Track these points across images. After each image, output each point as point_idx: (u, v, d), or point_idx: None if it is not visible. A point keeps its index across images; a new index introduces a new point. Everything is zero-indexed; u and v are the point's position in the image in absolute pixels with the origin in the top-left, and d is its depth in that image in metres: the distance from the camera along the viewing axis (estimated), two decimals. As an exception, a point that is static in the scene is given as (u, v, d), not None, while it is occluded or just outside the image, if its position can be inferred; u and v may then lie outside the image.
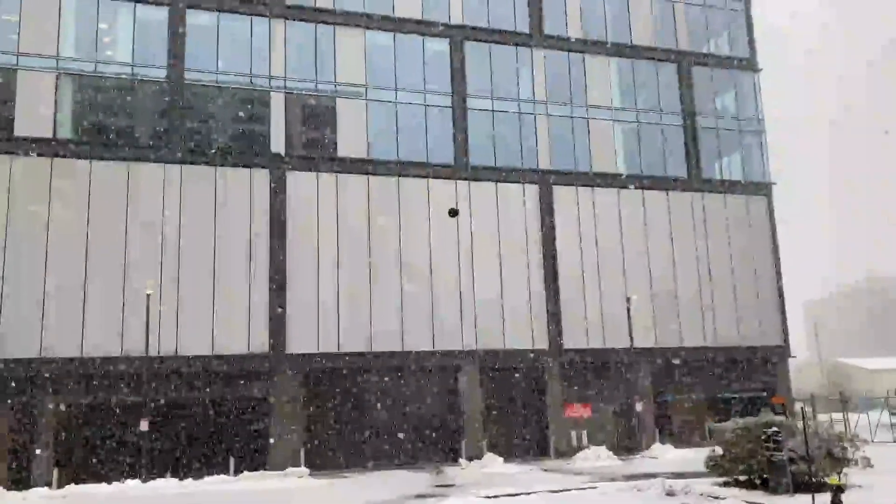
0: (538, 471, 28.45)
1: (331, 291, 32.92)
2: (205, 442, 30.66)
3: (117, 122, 32.28)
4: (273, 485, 26.04)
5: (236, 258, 31.97)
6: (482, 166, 36.36)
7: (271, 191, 33.01)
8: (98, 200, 30.71)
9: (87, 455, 29.27)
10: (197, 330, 30.83)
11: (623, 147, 39.46)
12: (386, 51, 36.22)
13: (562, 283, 36.34)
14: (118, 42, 32.87)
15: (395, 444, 33.47)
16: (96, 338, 29.59)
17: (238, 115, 33.89)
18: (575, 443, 35.20)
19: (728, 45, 42.86)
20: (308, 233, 33.14)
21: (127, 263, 30.49)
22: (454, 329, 34.32)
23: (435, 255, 34.70)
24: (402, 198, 34.77)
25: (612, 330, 36.50)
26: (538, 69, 38.44)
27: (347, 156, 34.43)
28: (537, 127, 37.83)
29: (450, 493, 21.34)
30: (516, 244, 36.13)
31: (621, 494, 19.97)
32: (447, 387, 34.65)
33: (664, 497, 18.93)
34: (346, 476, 29.10)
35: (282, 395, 31.50)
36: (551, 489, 21.29)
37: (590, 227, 37.45)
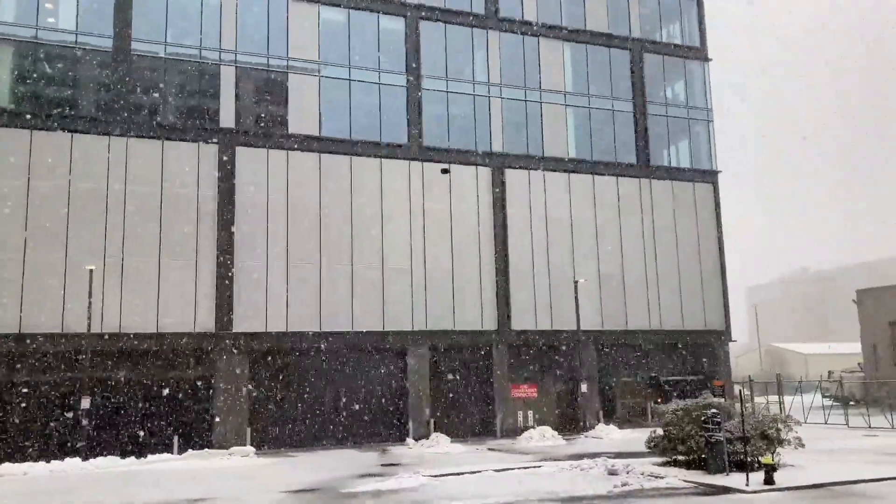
0: (484, 450, 28.80)
1: (280, 270, 32.59)
2: (149, 420, 30.18)
3: (59, 92, 31.23)
4: (217, 463, 25.84)
5: (183, 235, 31.37)
6: (435, 147, 36.30)
7: (220, 166, 32.43)
8: (38, 172, 29.74)
9: (26, 433, 28.53)
10: (142, 307, 30.23)
11: (574, 132, 39.81)
12: (340, 27, 35.76)
13: (512, 265, 36.64)
14: (60, 8, 31.72)
15: (343, 424, 33.46)
16: (36, 314, 28.77)
17: (187, 88, 33.11)
18: (521, 423, 35.71)
19: (680, 34, 43.46)
20: (257, 210, 32.68)
21: (68, 238, 29.66)
22: (404, 309, 34.35)
23: (386, 235, 34.60)
24: (354, 177, 34.53)
25: (560, 312, 37.01)
26: (493, 51, 38.45)
27: (299, 132, 33.99)
28: (491, 109, 37.90)
29: (396, 472, 21.49)
30: (468, 226, 36.26)
31: (565, 473, 20.37)
32: (396, 367, 34.72)
33: (606, 476, 19.38)
34: (292, 455, 29.02)
35: (227, 374, 31.16)
36: (496, 468, 21.60)
37: (540, 211, 37.78)
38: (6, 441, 28.13)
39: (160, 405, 30.51)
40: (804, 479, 17.66)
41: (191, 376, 31.14)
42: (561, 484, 18.14)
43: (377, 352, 34.39)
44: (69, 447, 28.15)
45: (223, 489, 19.13)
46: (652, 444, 21.54)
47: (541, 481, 18.83)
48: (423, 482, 19.17)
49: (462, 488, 17.89)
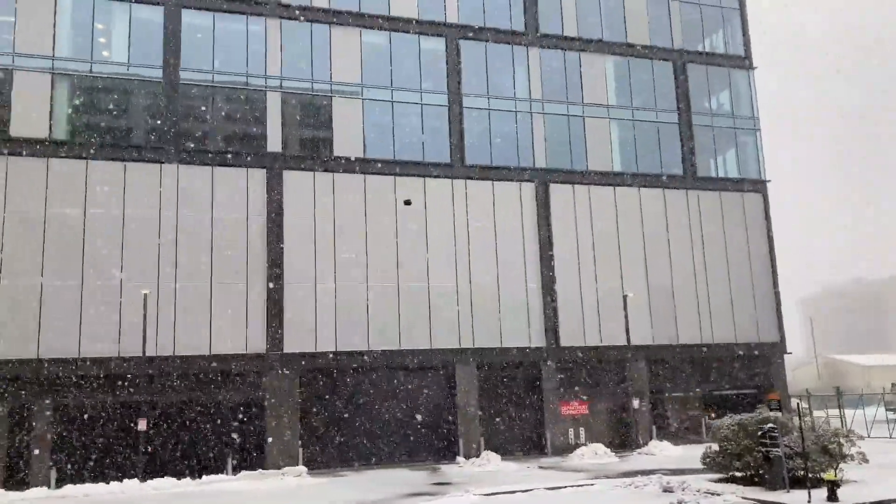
0: (535, 468, 28.53)
1: (328, 290, 32.94)
2: (203, 441, 30.68)
3: (113, 122, 32.24)
4: (271, 484, 26.09)
5: (233, 258, 31.97)
6: (478, 165, 36.42)
7: (268, 190, 33.03)
8: (94, 201, 30.68)
9: (86, 455, 29.26)
10: (194, 330, 30.84)
11: (619, 145, 39.54)
12: (382, 50, 36.26)
13: (559, 280, 36.43)
14: (113, 42, 32.83)
15: (393, 442, 33.52)
16: (94, 338, 29.56)
17: (234, 114, 33.88)
18: (572, 440, 35.31)
19: (723, 43, 42.97)
20: (305, 232, 33.16)
21: (124, 264, 30.48)
22: (451, 327, 34.39)
23: (432, 253, 34.75)
24: (399, 197, 34.81)
25: (609, 327, 36.62)
26: (534, 67, 38.52)
27: (344, 155, 34.45)
28: (533, 125, 37.92)
29: (447, 491, 21.42)
30: (513, 242, 36.21)
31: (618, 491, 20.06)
32: (444, 385, 34.71)
33: (661, 493, 19.03)
34: (344, 475, 29.15)
35: (278, 395, 31.53)
36: (548, 486, 21.38)
37: (586, 225, 37.55)
38: (69, 463, 28.85)
39: (214, 426, 30.98)
40: (869, 496, 17.08)
41: (243, 397, 31.57)
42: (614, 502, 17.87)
43: (425, 370, 34.44)
44: (128, 469, 28.75)
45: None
46: (707, 459, 21.11)
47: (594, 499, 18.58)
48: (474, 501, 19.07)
49: (514, 507, 17.75)
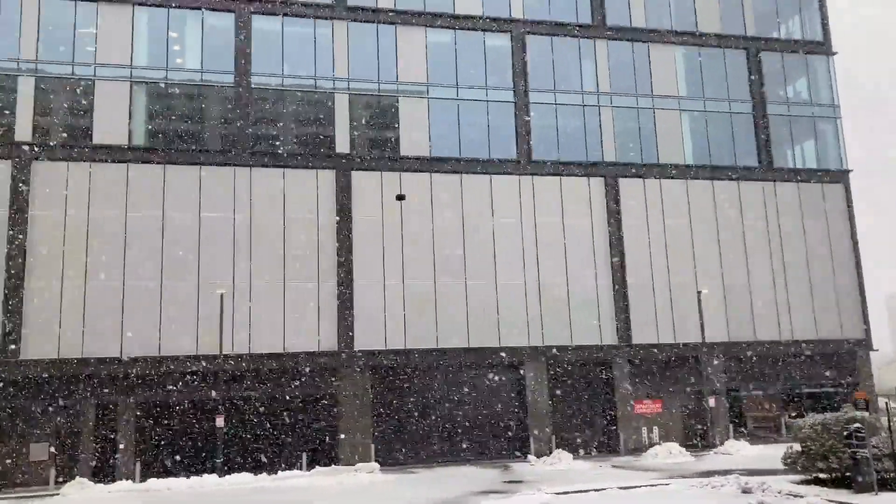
0: (608, 467, 28.12)
1: (396, 289, 33.21)
2: (278, 437, 31.37)
3: (188, 127, 33.25)
4: (344, 479, 26.47)
5: (304, 258, 32.57)
6: (546, 160, 36.10)
7: (337, 191, 33.51)
8: (172, 204, 31.72)
9: (167, 450, 30.30)
10: (268, 328, 31.56)
11: (690, 137, 38.58)
12: (447, 48, 36.32)
13: (629, 277, 35.80)
14: (187, 49, 33.86)
15: (463, 440, 33.56)
16: (173, 337, 30.58)
17: (303, 117, 34.49)
18: (645, 439, 34.67)
19: (800, 29, 41.42)
20: (373, 231, 33.50)
21: (200, 265, 31.42)
22: (520, 325, 34.20)
23: (499, 251, 34.63)
24: (465, 195, 34.82)
25: (683, 324, 35.80)
26: (601, 60, 37.93)
27: (410, 154, 34.66)
28: (602, 119, 37.35)
29: (519, 489, 21.31)
30: (582, 238, 35.76)
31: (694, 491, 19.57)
32: (514, 383, 34.56)
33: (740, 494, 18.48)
34: (415, 472, 29.34)
35: (350, 392, 31.97)
36: (621, 486, 21.03)
37: (658, 220, 36.77)
38: (152, 458, 29.94)
39: (288, 422, 31.63)
40: (965, 500, 16.18)
41: (316, 394, 32.14)
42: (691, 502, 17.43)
43: (494, 368, 34.37)
44: (207, 463, 29.65)
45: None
46: (789, 460, 20.37)
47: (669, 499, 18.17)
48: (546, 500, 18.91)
49: (587, 506, 17.51)
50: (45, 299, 29.78)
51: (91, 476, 28.39)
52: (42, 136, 31.30)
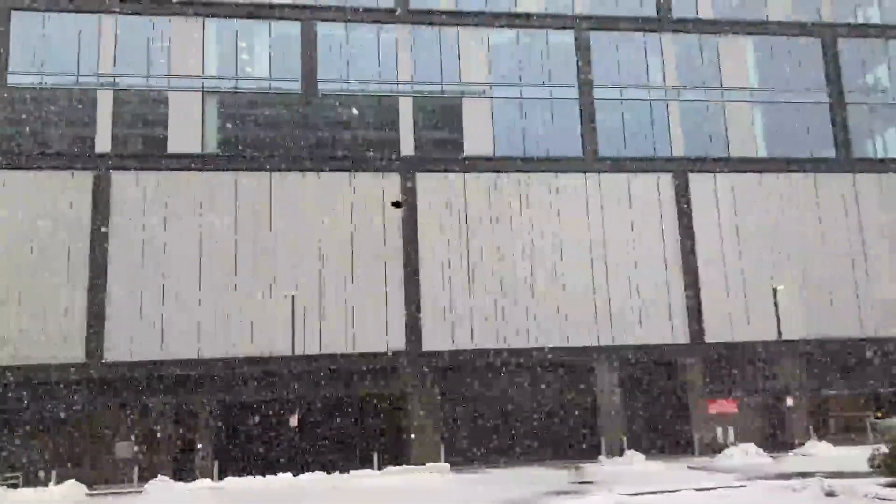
0: (682, 468, 27.53)
1: (462, 289, 33.27)
2: (349, 436, 31.85)
3: (257, 134, 34.07)
4: (414, 479, 26.65)
5: (371, 260, 32.95)
6: (612, 157, 35.60)
7: (401, 193, 33.77)
8: (244, 210, 32.55)
9: (244, 449, 31.12)
10: (338, 329, 32.06)
11: (763, 129, 37.45)
12: (509, 47, 36.21)
13: (702, 274, 34.97)
14: (256, 59, 34.72)
15: (532, 440, 33.40)
16: (247, 339, 31.38)
17: (368, 120, 34.93)
18: (720, 440, 33.79)
19: (879, 14, 39.70)
20: (438, 232, 33.66)
21: (272, 268, 32.15)
22: (588, 324, 33.81)
23: (566, 250, 34.32)
24: (530, 194, 34.64)
25: (758, 322, 34.74)
26: (668, 54, 37.19)
27: (474, 155, 34.69)
28: (669, 114, 36.60)
29: (590, 490, 21.07)
30: (651, 236, 35.11)
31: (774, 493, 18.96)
32: (584, 383, 34.19)
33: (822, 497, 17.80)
34: (485, 472, 29.33)
35: (419, 392, 32.20)
36: (696, 487, 20.54)
37: (730, 216, 35.81)
38: (228, 457, 30.79)
39: (359, 422, 32.09)
40: None
41: (385, 394, 32.50)
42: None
43: (563, 368, 34.08)
44: (282, 462, 30.33)
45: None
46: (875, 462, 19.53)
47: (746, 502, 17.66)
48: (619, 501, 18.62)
49: (661, 508, 17.18)
50: (125, 304, 30.95)
51: (171, 474, 29.36)
52: (120, 147, 32.56)
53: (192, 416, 31.10)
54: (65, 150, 32.26)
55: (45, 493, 25.03)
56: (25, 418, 30.20)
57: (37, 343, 30.03)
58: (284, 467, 29.61)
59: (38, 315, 30.28)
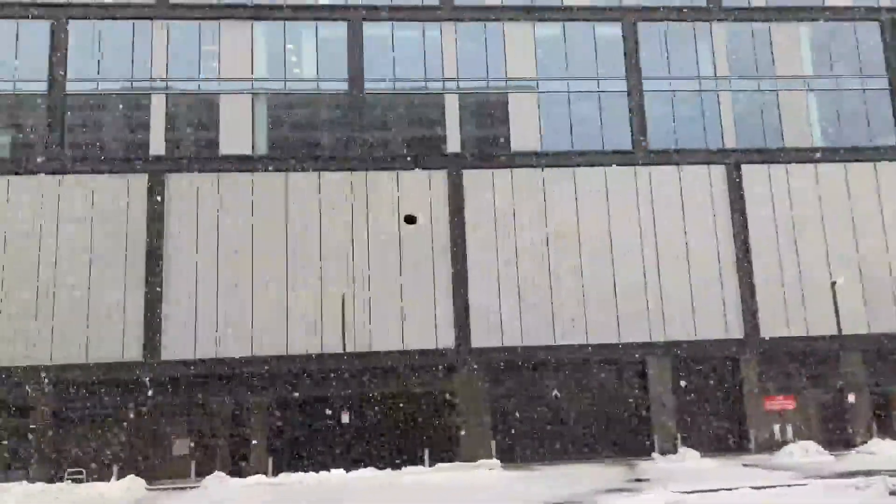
0: (738, 466, 26.99)
1: (511, 287, 33.12)
2: (400, 433, 32.01)
3: (306, 135, 34.46)
4: (465, 476, 26.66)
5: (420, 258, 33.03)
6: (662, 150, 35.02)
7: (449, 191, 33.78)
8: (294, 210, 32.96)
9: (296, 445, 31.54)
10: (387, 327, 32.23)
11: (819, 118, 36.38)
12: (556, 41, 35.88)
13: (756, 267, 34.16)
14: (303, 60, 35.10)
15: (583, 437, 33.09)
16: (299, 337, 31.79)
17: (415, 118, 35.02)
18: (778, 437, 32.98)
19: (941, -6, 38.19)
20: (486, 229, 33.55)
21: (322, 267, 32.49)
22: (640, 320, 33.32)
23: (616, 244, 33.88)
24: (579, 188, 34.29)
25: (816, 316, 33.78)
26: (719, 43, 36.39)
27: (520, 150, 34.49)
28: (721, 104, 35.82)
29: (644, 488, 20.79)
30: (704, 229, 34.43)
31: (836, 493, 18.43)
32: (635, 379, 33.73)
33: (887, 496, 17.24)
34: (536, 469, 29.18)
35: (468, 389, 32.18)
36: (753, 486, 20.09)
37: (785, 207, 34.88)
38: (283, 453, 31.26)
39: (409, 419, 32.21)
40: None
41: (435, 391, 32.57)
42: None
43: (614, 364, 33.67)
44: (334, 458, 30.66)
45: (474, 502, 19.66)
46: (943, 461, 18.83)
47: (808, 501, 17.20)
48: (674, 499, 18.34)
49: (718, 507, 16.84)
50: (181, 304, 31.64)
51: (227, 471, 29.91)
52: (174, 150, 33.27)
53: (246, 414, 31.67)
54: (121, 153, 33.10)
55: (107, 487, 25.76)
56: (87, 416, 31.12)
57: (97, 342, 30.93)
58: (336, 464, 29.95)
59: (97, 315, 31.17)
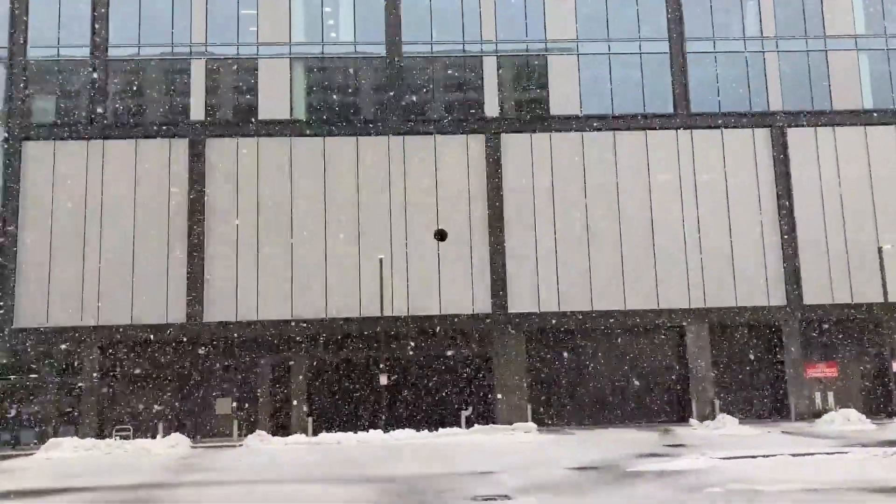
0: (777, 433, 26.77)
1: (549, 251, 33.01)
2: (437, 396, 32.38)
3: (343, 99, 34.45)
4: (501, 438, 26.92)
5: (457, 222, 33.05)
6: (705, 113, 34.30)
7: (486, 154, 33.59)
8: (332, 174, 33.13)
9: (336, 406, 32.14)
10: (425, 291, 32.45)
11: (870, 79, 35.21)
12: (597, 2, 35.14)
13: (800, 234, 33.51)
14: (340, 24, 34.96)
15: (621, 403, 33.12)
16: (338, 300, 32.17)
17: (453, 82, 34.76)
18: (818, 405, 32.64)
19: None
20: (523, 194, 33.39)
21: (361, 231, 32.72)
22: (679, 286, 33.02)
23: (656, 209, 33.47)
24: (619, 152, 33.84)
25: (861, 282, 33.11)
26: (765, 3, 35.30)
27: (560, 113, 34.08)
28: (766, 66, 34.87)
29: (680, 454, 20.77)
30: (746, 194, 33.81)
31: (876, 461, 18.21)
32: (674, 346, 33.55)
33: (931, 466, 16.98)
34: (571, 433, 29.32)
35: (506, 354, 32.33)
36: (793, 452, 19.94)
37: (832, 171, 34.04)
38: (322, 414, 31.88)
39: (447, 382, 32.56)
40: None
41: (473, 355, 32.82)
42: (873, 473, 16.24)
43: (653, 330, 33.51)
44: (372, 420, 31.19)
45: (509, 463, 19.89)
46: None
47: (848, 468, 17.03)
48: (711, 464, 18.28)
49: (756, 472, 16.74)
50: (222, 266, 32.19)
51: (269, 430, 30.63)
52: (214, 115, 33.57)
53: (287, 375, 32.28)
54: (162, 119, 33.50)
55: (153, 444, 26.58)
56: (134, 376, 32.05)
57: (143, 305, 31.69)
58: (375, 424, 30.45)
59: (142, 277, 31.88)
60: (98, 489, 17.20)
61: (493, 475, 17.58)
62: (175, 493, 16.19)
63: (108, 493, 16.63)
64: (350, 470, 19.53)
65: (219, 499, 15.38)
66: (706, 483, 15.28)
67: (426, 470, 18.98)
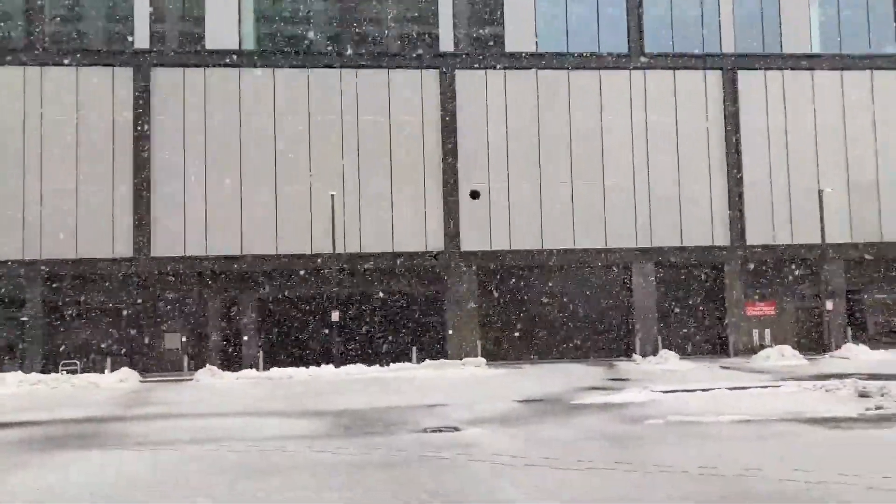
0: (716, 368, 27.87)
1: (501, 189, 33.15)
2: (389, 333, 32.72)
3: (294, 30, 33.48)
4: (452, 372, 27.45)
5: (411, 159, 32.84)
6: (659, 54, 34.37)
7: (441, 91, 33.23)
8: (282, 107, 32.43)
9: (287, 342, 32.24)
10: (377, 228, 32.40)
11: (819, 23, 35.60)
12: (554, -64, 34.51)
13: (746, 176, 34.25)
14: (292, -50, 33.68)
15: (567, 339, 33.94)
16: (288, 237, 31.93)
17: (408, 16, 34.01)
18: (756, 342, 33.97)
19: None
20: (478, 132, 33.24)
21: (313, 167, 32.28)
22: (627, 226, 33.62)
23: (607, 150, 33.75)
24: (573, 92, 33.82)
25: (802, 224, 34.18)
26: (722, -58, 35.13)
27: (515, 50, 33.77)
28: (721, 7, 34.92)
29: (623, 387, 21.52)
30: (696, 136, 34.28)
31: (808, 394, 19.17)
32: (621, 283, 34.33)
33: (857, 398, 17.96)
34: (520, 367, 30.04)
35: (457, 290, 32.69)
36: (729, 386, 20.84)
37: (779, 115, 34.65)
38: (272, 349, 31.97)
39: (398, 318, 32.87)
40: None
41: (425, 292, 33.10)
42: (804, 404, 17.11)
43: (600, 269, 34.17)
44: (322, 356, 31.42)
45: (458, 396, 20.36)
46: (912, 365, 19.53)
47: (781, 401, 17.90)
48: (652, 397, 19.02)
49: (694, 405, 17.50)
50: (170, 201, 31.55)
51: (219, 364, 30.64)
52: (159, 44, 32.34)
53: (237, 311, 32.16)
54: (104, 46, 32.15)
55: (101, 378, 26.40)
56: (81, 310, 31.54)
57: (88, 238, 30.97)
58: (326, 360, 30.70)
59: (88, 211, 31.08)
60: (47, 423, 17.11)
61: (442, 408, 18.00)
62: (125, 427, 16.20)
63: (58, 426, 16.56)
64: (300, 403, 19.77)
65: (168, 430, 15.46)
66: (647, 415, 15.92)
67: (377, 403, 19.32)
